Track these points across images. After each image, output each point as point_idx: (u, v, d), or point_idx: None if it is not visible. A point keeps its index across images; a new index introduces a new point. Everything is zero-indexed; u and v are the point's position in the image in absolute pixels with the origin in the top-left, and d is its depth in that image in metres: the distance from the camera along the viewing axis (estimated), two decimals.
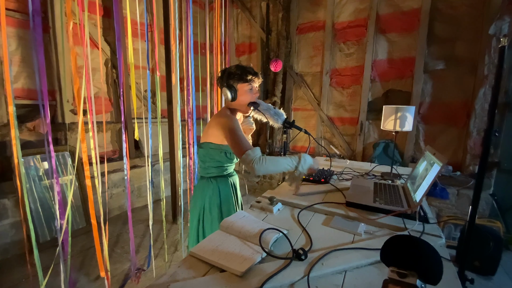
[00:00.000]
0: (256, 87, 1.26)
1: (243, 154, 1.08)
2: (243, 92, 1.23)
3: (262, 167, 1.06)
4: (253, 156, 1.07)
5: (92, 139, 1.74)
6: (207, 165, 1.29)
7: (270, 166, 1.07)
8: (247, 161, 1.07)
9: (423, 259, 0.48)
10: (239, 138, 1.13)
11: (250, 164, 1.06)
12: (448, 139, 2.83)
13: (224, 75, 1.24)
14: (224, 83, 1.23)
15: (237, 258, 0.72)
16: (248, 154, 1.07)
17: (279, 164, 1.10)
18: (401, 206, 1.03)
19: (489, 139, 1.14)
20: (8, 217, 2.17)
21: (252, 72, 1.23)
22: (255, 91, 1.26)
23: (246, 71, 1.22)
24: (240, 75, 1.21)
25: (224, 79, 1.23)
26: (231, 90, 1.21)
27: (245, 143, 1.12)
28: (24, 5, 2.38)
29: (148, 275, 2.03)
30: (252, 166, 1.05)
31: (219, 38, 3.29)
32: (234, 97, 1.22)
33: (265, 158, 1.08)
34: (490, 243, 1.93)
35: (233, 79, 1.22)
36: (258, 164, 1.05)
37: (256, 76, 1.24)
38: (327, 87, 3.50)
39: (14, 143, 1.42)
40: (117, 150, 3.24)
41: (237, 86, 1.22)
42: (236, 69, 1.22)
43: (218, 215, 1.29)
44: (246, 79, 1.22)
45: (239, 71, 1.21)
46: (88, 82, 1.65)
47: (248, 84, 1.23)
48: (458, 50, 2.69)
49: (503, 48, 1.07)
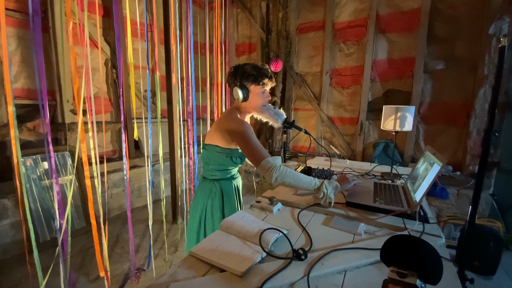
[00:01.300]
0: (268, 90, 1.22)
1: (261, 161, 1.05)
2: (255, 95, 1.18)
3: (280, 176, 1.03)
4: (273, 163, 1.04)
5: (92, 139, 1.74)
6: (211, 167, 1.25)
7: (289, 177, 1.04)
8: (266, 168, 1.04)
9: (423, 259, 0.48)
10: (255, 145, 1.08)
11: (269, 172, 1.03)
12: (448, 139, 2.83)
13: (238, 74, 1.16)
14: (238, 82, 1.16)
15: (237, 258, 0.72)
16: (268, 161, 1.04)
17: (299, 180, 1.06)
18: (401, 206, 1.03)
19: (489, 139, 1.14)
20: (8, 217, 2.17)
21: (268, 75, 1.17)
22: (267, 94, 1.21)
23: (262, 73, 1.15)
24: (255, 76, 1.15)
25: (238, 78, 1.16)
26: (243, 91, 1.15)
27: (263, 151, 1.08)
28: (24, 5, 2.38)
29: (148, 275, 2.03)
30: (271, 174, 1.03)
31: (219, 38, 3.29)
32: (246, 97, 1.16)
33: (286, 169, 1.05)
34: (490, 243, 1.93)
35: (247, 80, 1.15)
36: (277, 172, 1.02)
37: (271, 80, 1.19)
38: (327, 87, 3.50)
39: (14, 143, 1.42)
40: (117, 150, 3.24)
41: (250, 88, 1.16)
42: (252, 70, 1.15)
43: (220, 218, 1.26)
44: (261, 82, 1.16)
45: (255, 72, 1.15)
46: (88, 82, 1.65)
47: (262, 87, 1.17)
48: (458, 50, 2.69)
49: (503, 48, 1.07)
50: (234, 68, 1.20)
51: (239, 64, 1.20)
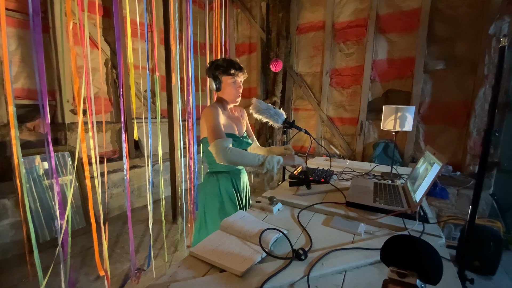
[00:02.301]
0: (240, 81, 1.30)
1: (213, 141, 1.11)
2: (227, 85, 1.28)
3: (227, 155, 1.08)
4: (221, 145, 1.10)
5: (92, 139, 1.74)
6: (208, 160, 1.32)
7: (234, 157, 1.09)
8: (215, 148, 1.10)
9: (423, 259, 0.48)
10: (214, 126, 1.15)
11: (216, 152, 1.09)
12: (448, 139, 2.83)
13: (212, 66, 1.28)
14: (211, 74, 1.28)
15: (237, 258, 0.72)
16: (217, 143, 1.10)
17: (244, 157, 1.12)
18: (401, 206, 1.03)
19: (489, 139, 1.14)
20: (8, 217, 2.17)
21: (236, 66, 1.27)
22: (238, 85, 1.30)
23: (231, 65, 1.25)
24: (225, 67, 1.25)
25: (211, 70, 1.28)
26: (216, 81, 1.27)
27: (219, 132, 1.14)
28: (24, 5, 2.38)
29: (148, 275, 2.03)
30: (218, 154, 1.09)
31: (219, 38, 3.29)
32: (218, 87, 1.28)
33: (232, 149, 1.10)
34: (490, 243, 1.93)
35: (219, 71, 1.26)
36: (224, 152, 1.08)
37: (240, 71, 1.28)
38: (327, 87, 3.50)
39: (14, 143, 1.42)
40: (117, 150, 3.24)
41: (222, 78, 1.27)
42: (222, 62, 1.26)
43: (220, 213, 1.28)
44: (230, 73, 1.25)
45: (225, 64, 1.25)
46: (88, 82, 1.65)
47: (232, 77, 1.26)
48: (458, 50, 2.69)
49: (503, 48, 1.07)
50: (210, 62, 1.32)
51: (213, 60, 1.33)
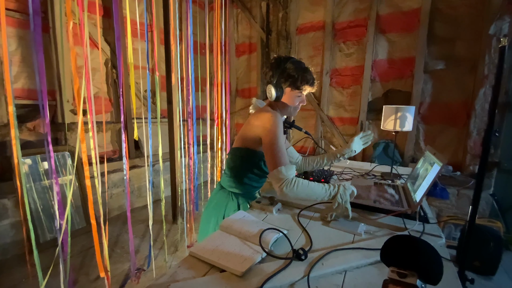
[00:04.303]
0: (305, 94, 1.09)
1: (274, 168, 0.93)
2: (290, 97, 1.06)
3: (292, 191, 0.90)
4: (285, 175, 0.92)
5: (92, 139, 1.74)
6: (235, 178, 1.12)
7: (301, 192, 0.92)
8: (277, 178, 0.92)
9: (423, 259, 0.48)
10: (279, 146, 0.96)
11: (279, 184, 0.91)
12: (448, 139, 2.83)
13: (278, 70, 1.03)
14: (274, 80, 1.03)
15: (237, 258, 0.72)
16: (280, 171, 0.92)
17: (312, 191, 0.93)
18: (401, 206, 1.03)
19: (489, 139, 1.14)
20: (8, 217, 2.17)
21: (310, 81, 1.04)
22: (303, 99, 1.09)
23: (304, 78, 1.03)
24: (295, 79, 1.02)
25: (276, 75, 1.03)
26: (277, 90, 1.03)
27: (284, 156, 0.95)
28: (24, 5, 2.38)
29: (148, 275, 2.03)
30: (281, 188, 0.91)
31: (219, 38, 3.29)
32: (278, 97, 1.05)
33: (298, 182, 0.92)
34: (490, 243, 1.93)
35: (285, 81, 1.03)
36: (288, 187, 0.90)
37: (312, 85, 1.06)
38: (327, 87, 3.50)
39: (14, 143, 1.42)
40: (117, 150, 3.24)
41: (285, 90, 1.05)
42: (293, 71, 1.02)
43: None
44: (299, 87, 1.04)
45: (297, 75, 1.02)
46: (88, 82, 1.65)
47: (299, 91, 1.05)
48: (458, 50, 2.69)
49: (503, 48, 1.07)
50: (275, 61, 1.05)
51: (281, 57, 1.05)
